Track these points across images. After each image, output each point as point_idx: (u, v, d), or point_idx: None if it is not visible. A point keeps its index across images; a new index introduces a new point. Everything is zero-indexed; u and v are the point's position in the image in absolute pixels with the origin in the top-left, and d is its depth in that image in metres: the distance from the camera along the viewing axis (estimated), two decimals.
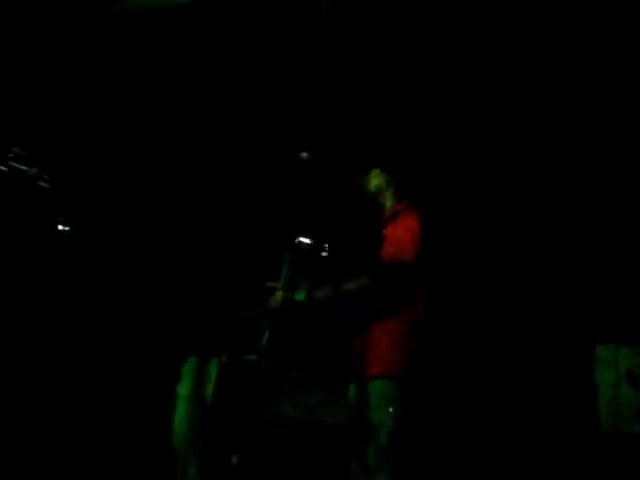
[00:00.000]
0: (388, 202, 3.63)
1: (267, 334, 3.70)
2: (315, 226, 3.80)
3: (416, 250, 3.33)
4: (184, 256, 4.10)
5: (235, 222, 4.08)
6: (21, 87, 4.51)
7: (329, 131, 4.23)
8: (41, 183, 4.32)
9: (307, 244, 3.71)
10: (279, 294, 3.65)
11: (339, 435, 3.67)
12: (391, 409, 3.29)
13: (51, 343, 4.58)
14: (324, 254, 3.73)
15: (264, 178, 4.22)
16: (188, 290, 4.06)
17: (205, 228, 4.11)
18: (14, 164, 4.30)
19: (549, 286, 4.14)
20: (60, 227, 4.38)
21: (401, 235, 3.40)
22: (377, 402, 3.32)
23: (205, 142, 4.32)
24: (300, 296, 3.63)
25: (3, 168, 4.28)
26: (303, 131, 4.22)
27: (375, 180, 3.65)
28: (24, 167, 4.30)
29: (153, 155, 4.40)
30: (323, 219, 3.94)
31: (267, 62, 4.22)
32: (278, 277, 3.72)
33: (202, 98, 4.34)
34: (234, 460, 4.21)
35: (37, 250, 4.53)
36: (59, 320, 4.60)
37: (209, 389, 3.90)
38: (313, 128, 4.24)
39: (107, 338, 4.51)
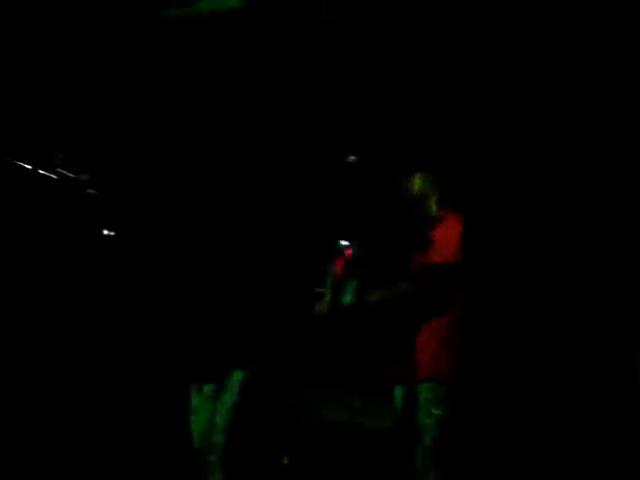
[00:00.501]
0: (432, 206, 3.59)
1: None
2: (359, 229, 3.80)
3: (461, 252, 3.32)
4: (229, 262, 4.10)
5: (280, 227, 4.07)
6: (62, 94, 4.52)
7: (374, 134, 4.21)
8: (90, 190, 4.37)
9: (353, 247, 3.67)
10: (327, 298, 3.64)
11: (384, 438, 3.68)
12: (438, 411, 3.30)
13: (94, 346, 4.60)
14: (368, 257, 3.70)
15: (310, 181, 4.21)
16: (229, 296, 4.06)
17: (249, 232, 4.11)
18: (62, 171, 4.35)
19: (595, 289, 4.09)
20: (105, 232, 4.42)
21: (447, 238, 3.38)
22: (425, 404, 3.33)
23: (253, 146, 4.30)
24: (347, 299, 3.62)
25: (52, 175, 4.32)
26: (350, 134, 4.22)
27: (419, 183, 3.62)
28: (72, 174, 4.35)
29: (196, 161, 4.40)
30: (367, 222, 3.89)
31: (316, 65, 4.23)
32: (324, 281, 3.71)
33: (251, 102, 4.32)
34: (285, 461, 4.23)
35: (84, 256, 4.57)
36: (103, 323, 4.62)
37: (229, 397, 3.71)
38: (359, 131, 4.23)
39: (153, 341, 4.52)
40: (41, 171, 4.31)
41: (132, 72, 4.44)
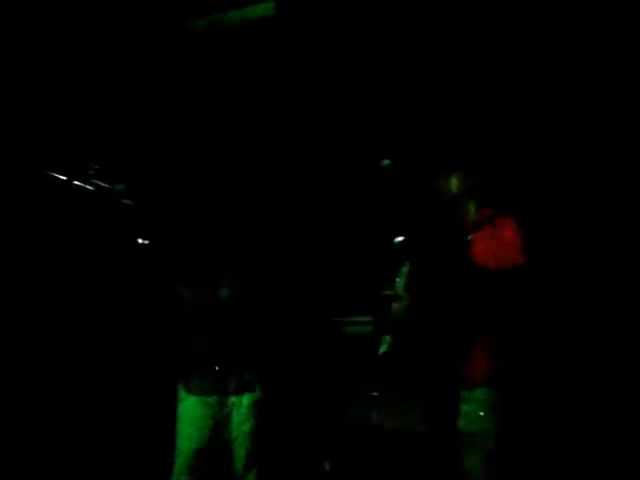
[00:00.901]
0: (471, 207, 3.43)
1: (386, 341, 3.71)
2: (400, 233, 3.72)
3: (521, 256, 3.22)
4: (292, 268, 4.15)
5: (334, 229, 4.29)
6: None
7: (409, 135, 4.24)
8: (125, 200, 3.81)
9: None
10: (400, 300, 3.62)
11: (426, 443, 3.66)
12: (487, 415, 3.25)
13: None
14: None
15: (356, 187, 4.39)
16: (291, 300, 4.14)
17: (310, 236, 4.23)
18: (97, 182, 3.69)
19: None
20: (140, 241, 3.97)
21: (504, 242, 3.25)
22: (474, 410, 3.26)
23: (291, 153, 4.33)
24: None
25: (87, 186, 3.68)
26: (384, 136, 4.26)
27: (456, 184, 3.43)
28: (107, 184, 3.73)
29: (236, 168, 4.14)
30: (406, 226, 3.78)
31: (347, 69, 4.27)
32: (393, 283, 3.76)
33: (284, 109, 4.32)
34: (327, 467, 4.37)
35: (120, 265, 4.23)
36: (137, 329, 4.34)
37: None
38: (394, 133, 4.28)
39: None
40: (76, 182, 3.65)
41: (164, 82, 4.02)
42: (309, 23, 4.21)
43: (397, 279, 3.64)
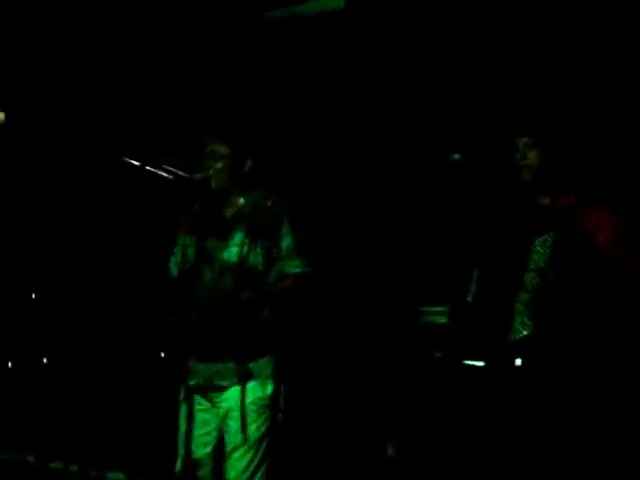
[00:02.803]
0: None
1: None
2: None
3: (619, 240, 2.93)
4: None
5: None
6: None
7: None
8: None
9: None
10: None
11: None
12: None
13: None
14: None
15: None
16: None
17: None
18: (174, 170, 3.81)
19: None
20: None
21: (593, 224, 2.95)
22: None
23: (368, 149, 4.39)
24: None
25: (164, 174, 3.78)
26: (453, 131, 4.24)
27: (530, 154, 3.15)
28: (183, 173, 3.85)
29: (318, 164, 4.26)
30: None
31: (417, 61, 4.32)
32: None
33: (351, 101, 4.39)
34: (390, 451, 4.46)
35: None
36: None
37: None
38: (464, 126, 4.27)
39: None
40: (159, 172, 3.76)
41: (242, 72, 4.11)
42: (379, 15, 4.26)
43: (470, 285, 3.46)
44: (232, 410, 3.27)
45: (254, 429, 3.25)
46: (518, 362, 2.95)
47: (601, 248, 2.93)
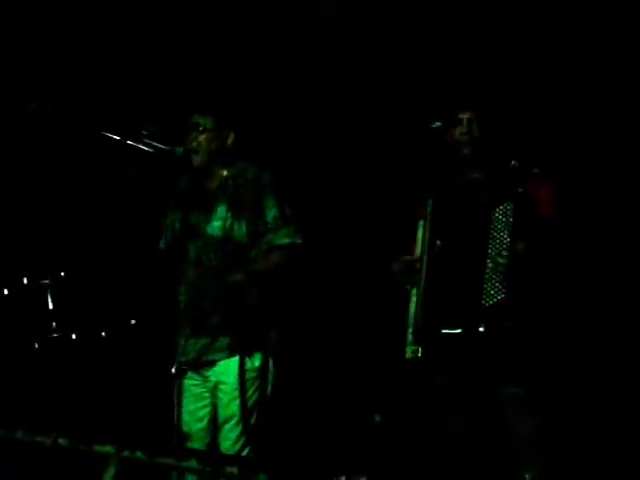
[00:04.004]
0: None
1: None
2: None
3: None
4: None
5: None
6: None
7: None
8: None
9: None
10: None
11: None
12: None
13: None
14: None
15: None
16: None
17: None
18: (155, 143, 3.78)
19: None
20: None
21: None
22: None
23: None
24: None
25: (145, 148, 3.75)
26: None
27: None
28: (165, 146, 3.81)
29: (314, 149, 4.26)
30: None
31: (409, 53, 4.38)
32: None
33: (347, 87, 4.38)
34: (377, 419, 4.50)
35: None
36: None
37: None
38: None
39: None
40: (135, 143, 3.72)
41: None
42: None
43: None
44: (222, 383, 3.31)
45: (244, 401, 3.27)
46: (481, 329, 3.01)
47: (549, 214, 3.13)
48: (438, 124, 3.41)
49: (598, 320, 4.03)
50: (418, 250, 3.27)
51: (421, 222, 3.29)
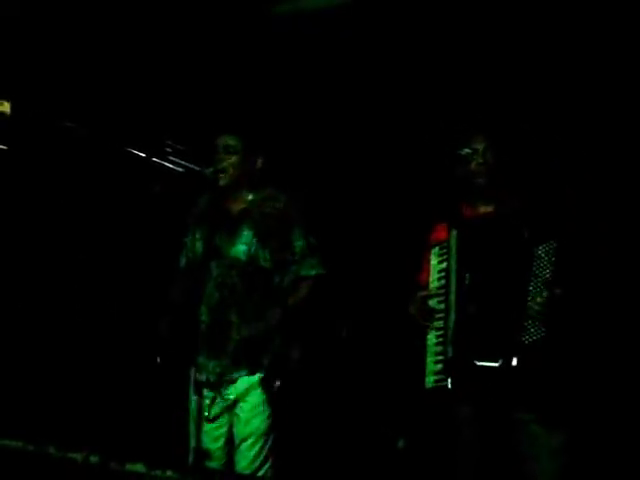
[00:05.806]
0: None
1: None
2: None
3: None
4: None
5: None
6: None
7: None
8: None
9: None
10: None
11: None
12: None
13: None
14: None
15: None
16: None
17: None
18: (184, 163, 3.84)
19: None
20: None
21: None
22: None
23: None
24: None
25: (174, 167, 3.81)
26: None
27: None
28: (195, 166, 3.88)
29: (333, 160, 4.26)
30: None
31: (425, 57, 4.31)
32: None
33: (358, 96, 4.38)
34: (400, 444, 4.47)
35: None
36: None
37: None
38: None
39: None
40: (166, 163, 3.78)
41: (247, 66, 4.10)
42: (387, 10, 4.22)
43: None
44: (240, 401, 3.30)
45: (262, 419, 3.28)
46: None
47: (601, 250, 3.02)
48: (467, 150, 3.22)
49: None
50: (433, 279, 3.18)
51: (435, 249, 3.20)
